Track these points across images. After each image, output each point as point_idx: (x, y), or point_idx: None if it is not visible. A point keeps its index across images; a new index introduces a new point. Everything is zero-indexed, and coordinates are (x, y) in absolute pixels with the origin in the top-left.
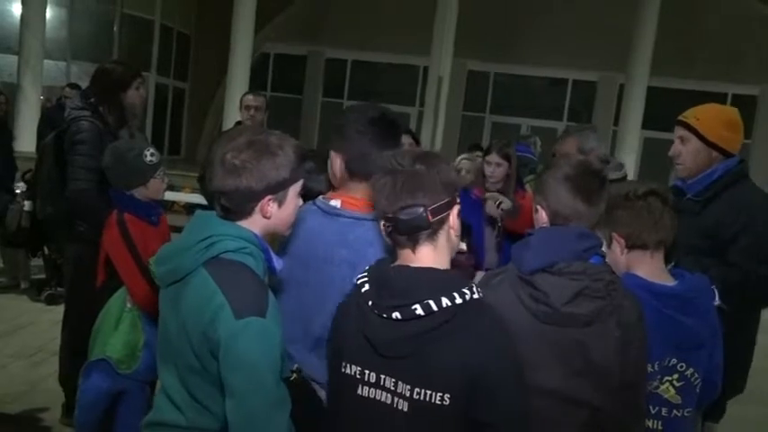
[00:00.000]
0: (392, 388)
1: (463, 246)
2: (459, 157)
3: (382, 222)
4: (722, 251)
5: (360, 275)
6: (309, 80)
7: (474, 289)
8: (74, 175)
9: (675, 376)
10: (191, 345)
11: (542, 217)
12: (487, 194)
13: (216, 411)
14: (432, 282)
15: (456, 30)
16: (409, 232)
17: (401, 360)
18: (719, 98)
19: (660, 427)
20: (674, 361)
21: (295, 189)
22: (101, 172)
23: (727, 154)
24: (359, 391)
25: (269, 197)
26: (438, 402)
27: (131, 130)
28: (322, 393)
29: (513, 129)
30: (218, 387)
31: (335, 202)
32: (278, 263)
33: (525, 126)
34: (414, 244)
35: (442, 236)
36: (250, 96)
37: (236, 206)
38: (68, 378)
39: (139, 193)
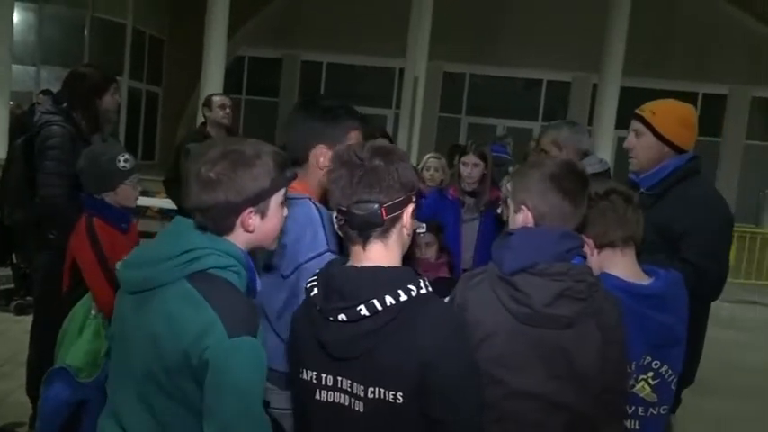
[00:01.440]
0: (348, 389)
1: (422, 227)
2: (427, 156)
3: (335, 214)
4: (674, 246)
5: (310, 279)
6: (285, 83)
7: (421, 284)
8: (45, 182)
9: (650, 374)
10: (163, 362)
11: (528, 218)
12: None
13: None
14: (376, 281)
15: (431, 31)
16: (361, 228)
17: (353, 361)
18: (690, 97)
19: (637, 427)
20: (648, 359)
21: (277, 199)
22: (73, 178)
23: (679, 150)
24: (317, 396)
25: (249, 210)
26: (391, 401)
27: (104, 135)
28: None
29: (489, 130)
30: (190, 410)
31: None
32: (259, 284)
33: (501, 127)
34: (364, 240)
35: (393, 234)
36: (218, 97)
37: (215, 222)
38: (37, 390)
39: (110, 198)
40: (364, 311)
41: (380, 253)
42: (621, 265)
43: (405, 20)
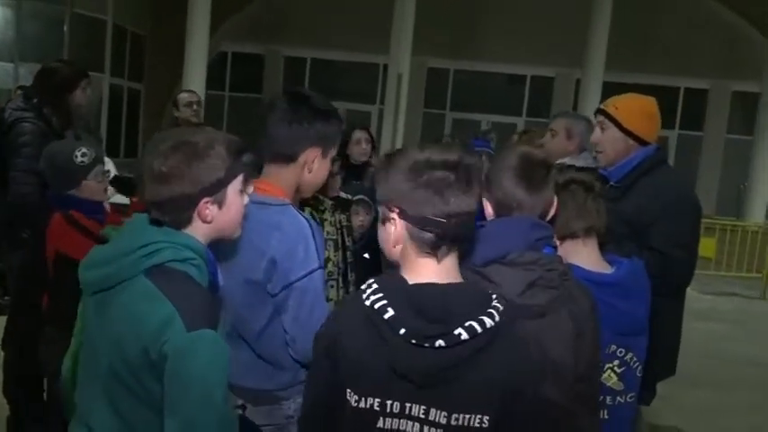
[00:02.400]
0: (422, 416)
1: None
2: None
3: (424, 225)
4: (642, 236)
5: (374, 297)
6: (268, 79)
7: (500, 299)
8: (17, 180)
9: (616, 362)
10: (126, 361)
11: (487, 209)
12: None
13: None
14: (469, 301)
15: (415, 27)
16: (458, 240)
17: (436, 386)
18: (672, 92)
19: (606, 416)
20: (613, 347)
21: (235, 187)
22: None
23: (644, 142)
24: (379, 425)
25: (206, 200)
26: (477, 425)
27: (77, 131)
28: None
29: (473, 125)
30: (155, 409)
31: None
32: (221, 278)
33: (485, 122)
34: (442, 254)
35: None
36: (185, 94)
37: (171, 216)
38: (15, 391)
39: (76, 194)
40: (465, 335)
41: (454, 267)
42: (584, 255)
43: (388, 15)
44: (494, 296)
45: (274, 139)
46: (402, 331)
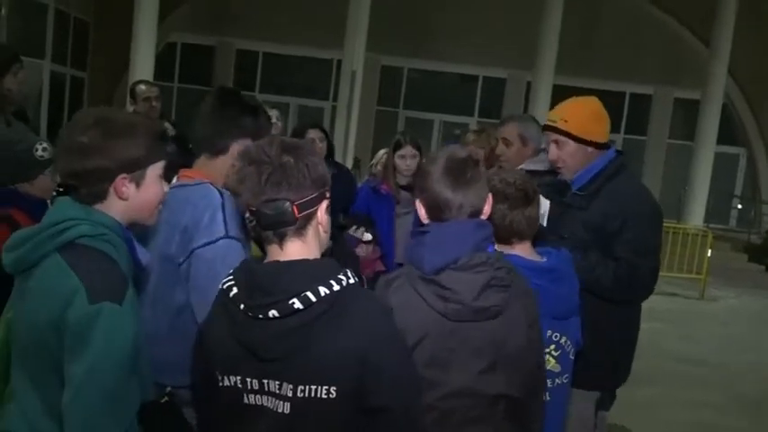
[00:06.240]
0: (276, 391)
1: (368, 236)
2: (382, 151)
3: (246, 215)
4: (607, 244)
5: (226, 278)
6: (219, 72)
7: (348, 274)
8: None
9: (552, 346)
10: (43, 339)
11: (420, 212)
12: None
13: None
14: (305, 272)
15: (369, 25)
16: (273, 227)
17: (283, 360)
18: (619, 97)
19: (547, 398)
20: (549, 332)
21: (155, 170)
22: None
23: (600, 146)
24: (245, 401)
25: (123, 176)
26: (324, 397)
27: (8, 117)
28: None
29: (426, 124)
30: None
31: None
32: (143, 256)
33: (438, 121)
34: (280, 240)
35: (310, 231)
36: (143, 87)
37: (87, 188)
38: None
39: (23, 189)
40: (298, 305)
41: (299, 250)
42: (518, 249)
43: (343, 12)
44: (340, 272)
45: (204, 132)
46: (242, 306)
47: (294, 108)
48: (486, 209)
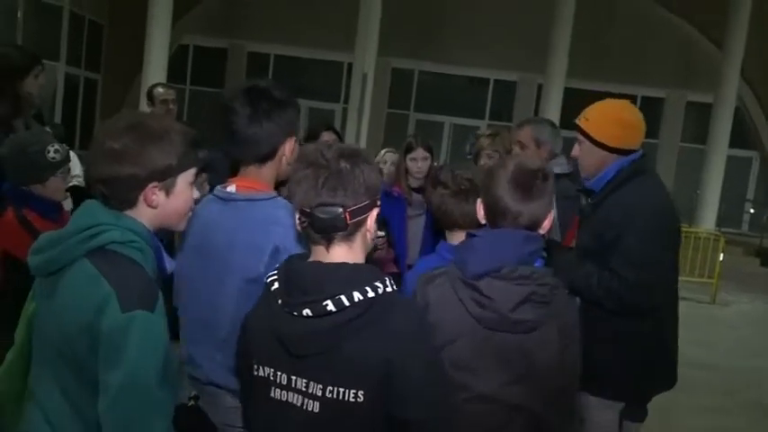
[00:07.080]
0: (303, 389)
1: (381, 232)
2: (384, 151)
3: (297, 215)
4: (606, 254)
5: (270, 274)
6: (231, 74)
7: (387, 282)
8: None
9: None
10: (71, 344)
11: (480, 211)
12: None
13: (89, 418)
14: (343, 276)
15: (380, 27)
16: (325, 231)
17: (313, 358)
18: (630, 100)
19: None
20: None
21: (186, 178)
22: None
23: (623, 152)
24: (272, 394)
25: (153, 184)
26: (351, 400)
27: (28, 120)
28: (228, 400)
29: (436, 126)
30: (94, 389)
31: (231, 188)
32: (169, 264)
33: (448, 123)
34: (328, 242)
35: (358, 237)
36: (161, 89)
37: (117, 195)
38: None
39: (36, 191)
40: (330, 307)
41: (344, 254)
42: (454, 238)
43: (354, 14)
44: (378, 279)
45: (250, 141)
46: (280, 301)
47: (305, 110)
48: (546, 224)
